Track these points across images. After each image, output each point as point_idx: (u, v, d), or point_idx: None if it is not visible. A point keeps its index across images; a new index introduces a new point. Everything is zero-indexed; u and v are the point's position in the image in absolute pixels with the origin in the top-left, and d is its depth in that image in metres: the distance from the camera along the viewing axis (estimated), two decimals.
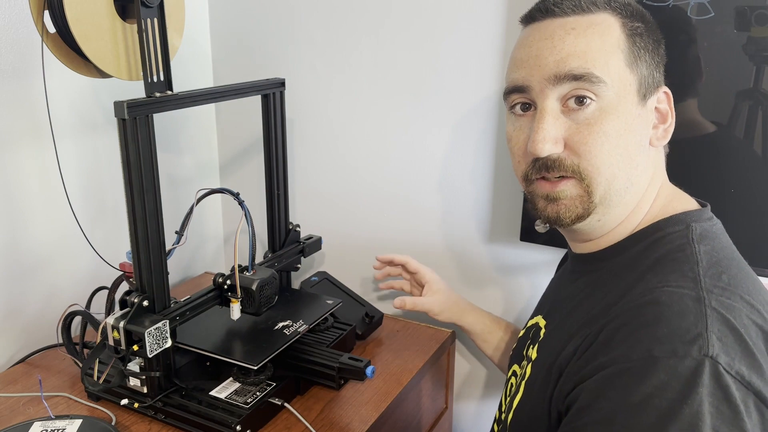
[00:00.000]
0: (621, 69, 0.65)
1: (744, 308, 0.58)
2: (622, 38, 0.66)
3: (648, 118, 0.68)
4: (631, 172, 0.67)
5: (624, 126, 0.65)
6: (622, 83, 0.65)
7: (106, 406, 0.93)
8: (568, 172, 0.66)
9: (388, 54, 1.18)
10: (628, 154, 0.66)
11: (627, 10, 0.67)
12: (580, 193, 0.67)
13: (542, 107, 0.67)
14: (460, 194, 1.18)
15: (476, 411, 1.30)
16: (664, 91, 0.70)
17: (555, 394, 0.65)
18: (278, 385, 0.93)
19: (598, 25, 0.66)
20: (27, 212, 1.07)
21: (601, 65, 0.64)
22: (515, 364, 0.84)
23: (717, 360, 0.53)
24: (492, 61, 1.08)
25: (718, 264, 0.62)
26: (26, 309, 1.10)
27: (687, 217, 0.68)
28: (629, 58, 0.66)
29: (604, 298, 0.65)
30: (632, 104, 0.66)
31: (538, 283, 1.15)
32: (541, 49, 0.67)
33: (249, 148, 1.38)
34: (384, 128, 1.22)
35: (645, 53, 0.67)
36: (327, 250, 1.30)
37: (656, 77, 0.69)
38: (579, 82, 0.64)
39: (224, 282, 0.94)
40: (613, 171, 0.66)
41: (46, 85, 0.90)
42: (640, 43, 0.67)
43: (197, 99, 0.91)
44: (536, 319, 0.82)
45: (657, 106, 0.69)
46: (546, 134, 0.66)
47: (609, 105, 0.65)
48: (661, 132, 0.69)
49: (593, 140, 0.65)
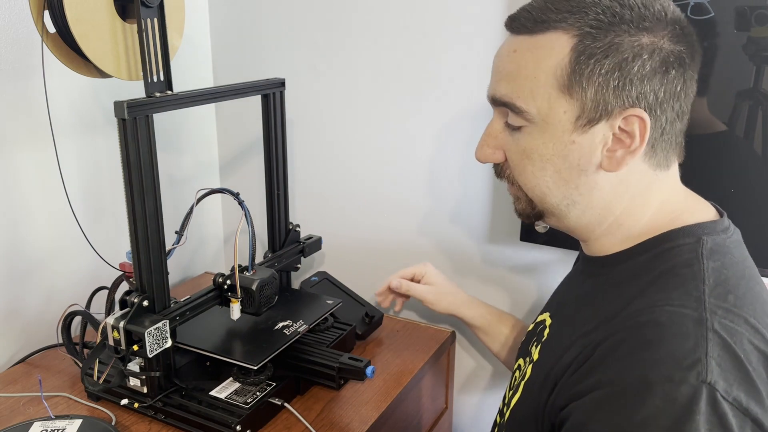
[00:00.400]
0: (552, 96, 0.63)
1: (747, 332, 0.56)
2: (565, 61, 0.62)
3: (593, 144, 0.64)
4: (569, 192, 0.67)
5: (552, 151, 0.65)
6: (552, 111, 0.63)
7: (106, 406, 0.93)
8: (509, 181, 0.72)
9: (388, 54, 1.18)
10: (560, 177, 0.66)
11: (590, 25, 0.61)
12: (524, 197, 0.71)
13: (491, 120, 0.71)
14: (460, 194, 1.18)
15: (476, 411, 1.30)
16: (635, 114, 0.62)
17: (549, 404, 0.64)
18: (278, 385, 0.93)
19: (541, 48, 0.63)
20: (27, 212, 1.07)
21: (525, 94, 0.64)
22: (521, 357, 0.83)
23: (715, 387, 0.51)
24: (491, 60, 1.08)
25: (726, 282, 0.60)
26: (26, 309, 1.10)
27: (699, 230, 0.65)
28: (567, 84, 0.62)
29: (604, 308, 0.64)
30: (564, 131, 0.64)
31: (539, 283, 1.15)
32: (493, 67, 0.70)
33: (249, 148, 1.39)
34: (384, 128, 1.22)
35: (594, 77, 0.61)
36: (327, 250, 1.30)
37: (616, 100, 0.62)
38: (505, 107, 0.67)
39: (224, 282, 0.94)
40: (542, 189, 0.68)
41: (46, 85, 0.90)
42: (589, 66, 0.61)
43: (197, 99, 0.91)
44: (544, 316, 0.81)
45: (623, 127, 0.63)
46: (482, 142, 0.71)
47: (535, 131, 0.66)
48: (618, 156, 0.64)
49: (519, 160, 0.68)
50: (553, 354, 0.68)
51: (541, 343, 0.76)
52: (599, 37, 0.61)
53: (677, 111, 0.65)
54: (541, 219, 0.73)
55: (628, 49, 0.61)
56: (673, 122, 0.65)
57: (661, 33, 0.62)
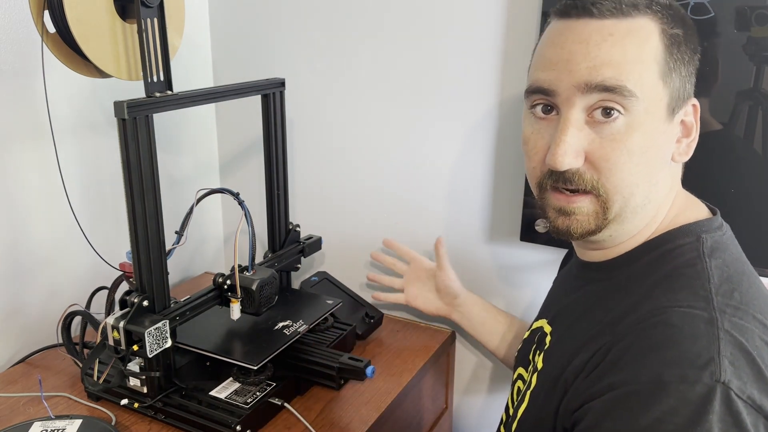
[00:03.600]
0: (654, 82, 0.61)
1: (756, 329, 0.57)
2: (659, 48, 0.61)
3: (673, 133, 0.65)
4: (649, 189, 0.64)
5: (649, 143, 0.62)
6: (653, 97, 0.61)
7: (106, 406, 0.93)
8: (587, 187, 0.64)
9: (388, 54, 1.18)
10: (649, 172, 0.63)
11: (669, 15, 0.62)
12: (595, 209, 0.64)
13: (567, 116, 0.63)
14: (460, 194, 1.18)
15: (476, 411, 1.30)
16: (693, 103, 0.66)
17: (561, 409, 0.64)
18: (278, 385, 0.93)
19: (637, 32, 0.61)
20: (27, 212, 1.07)
21: (635, 78, 0.60)
22: (521, 367, 0.83)
23: (729, 386, 0.52)
24: (492, 61, 1.08)
25: (730, 280, 0.61)
26: (26, 309, 1.10)
27: (697, 228, 0.66)
28: (664, 71, 0.62)
29: (611, 312, 0.64)
30: (660, 120, 0.62)
31: (539, 283, 1.15)
32: (574, 53, 0.62)
33: (249, 148, 1.38)
34: (384, 128, 1.22)
35: (680, 65, 0.63)
36: (327, 250, 1.30)
37: (687, 89, 0.64)
38: (610, 93, 0.60)
39: (224, 282, 0.94)
40: (631, 189, 0.63)
41: (46, 85, 0.90)
42: (677, 54, 0.62)
43: (197, 99, 0.91)
44: (541, 323, 0.81)
45: (684, 119, 0.65)
46: (568, 147, 0.62)
47: (636, 120, 0.61)
48: (684, 147, 0.66)
49: (616, 157, 0.62)
50: (560, 361, 0.68)
51: (544, 352, 0.75)
52: (675, 27, 0.63)
53: None
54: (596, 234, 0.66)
55: (692, 42, 0.64)
56: None
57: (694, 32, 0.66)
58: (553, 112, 0.65)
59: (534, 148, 0.67)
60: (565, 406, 0.63)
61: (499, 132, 1.12)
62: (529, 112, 0.68)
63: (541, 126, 0.66)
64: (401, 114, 1.20)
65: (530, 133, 0.68)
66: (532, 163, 0.68)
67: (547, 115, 0.66)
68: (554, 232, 0.68)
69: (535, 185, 0.69)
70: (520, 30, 1.04)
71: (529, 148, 0.68)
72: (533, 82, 0.66)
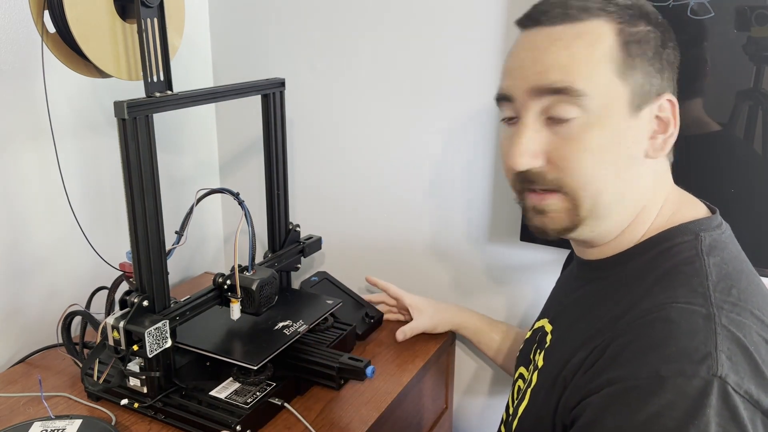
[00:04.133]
0: (609, 80, 0.63)
1: (754, 325, 0.57)
2: (614, 47, 0.63)
3: (643, 129, 0.65)
4: (621, 185, 0.65)
5: (610, 139, 0.63)
6: (610, 95, 0.63)
7: (106, 406, 0.93)
8: (551, 186, 0.66)
9: (388, 54, 1.18)
10: (616, 168, 0.64)
11: (626, 14, 0.64)
12: (566, 207, 0.66)
13: (523, 120, 0.66)
14: (459, 194, 1.18)
15: (477, 411, 1.30)
16: (668, 99, 0.66)
17: (560, 406, 0.64)
18: (278, 385, 0.93)
19: (587, 34, 0.63)
20: (27, 212, 1.07)
21: (584, 77, 0.62)
22: (522, 366, 0.83)
23: (726, 380, 0.52)
24: (492, 61, 1.08)
25: (728, 277, 0.61)
26: (26, 309, 1.10)
27: (696, 226, 0.66)
28: (621, 68, 0.63)
29: (610, 310, 0.64)
30: (621, 116, 0.63)
31: (539, 283, 1.15)
32: (524, 60, 0.66)
33: (249, 148, 1.39)
34: (384, 128, 1.22)
35: (642, 61, 0.64)
36: (327, 250, 1.30)
37: (656, 85, 0.65)
38: (560, 95, 0.63)
39: (224, 282, 0.94)
40: (598, 186, 0.64)
41: (46, 85, 0.90)
42: (636, 50, 0.63)
43: (197, 99, 0.91)
44: (542, 323, 0.81)
45: (658, 114, 0.66)
46: (523, 148, 0.65)
47: (593, 118, 0.63)
48: (659, 142, 0.66)
49: (574, 156, 0.64)
50: (559, 359, 0.68)
51: (544, 350, 0.75)
52: (635, 25, 0.64)
53: None
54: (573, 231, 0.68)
55: (657, 37, 0.65)
56: None
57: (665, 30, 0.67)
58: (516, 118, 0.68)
59: (506, 154, 0.70)
60: (564, 402, 0.64)
61: (498, 131, 1.12)
62: (501, 120, 0.72)
63: (510, 132, 0.69)
64: (401, 114, 1.20)
65: (502, 140, 0.72)
66: (505, 168, 0.71)
67: (512, 121, 0.69)
68: (533, 231, 0.70)
69: (512, 189, 0.72)
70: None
71: (503, 153, 0.72)
72: (497, 90, 0.70)
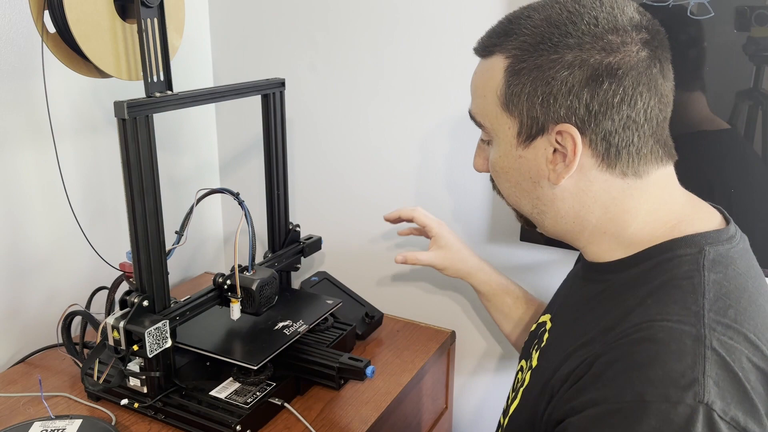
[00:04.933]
0: (497, 114, 0.68)
1: (746, 349, 0.56)
2: (501, 81, 0.66)
3: (537, 158, 0.66)
4: (534, 203, 0.70)
5: (508, 165, 0.70)
6: (500, 127, 0.68)
7: (106, 406, 0.93)
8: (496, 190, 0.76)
9: (388, 54, 1.18)
10: (522, 189, 0.70)
11: (523, 46, 0.64)
12: None
13: None
14: (460, 194, 1.18)
15: (476, 411, 1.30)
16: (564, 130, 0.63)
17: (545, 414, 0.64)
18: (278, 385, 0.93)
19: (487, 70, 0.68)
20: (27, 212, 1.07)
21: (480, 110, 0.70)
22: (523, 359, 0.83)
23: (712, 407, 0.51)
24: None
25: (727, 296, 0.59)
26: (26, 309, 1.10)
27: (702, 239, 0.63)
28: (504, 102, 0.67)
29: (603, 318, 0.63)
30: (511, 146, 0.68)
31: (539, 283, 1.15)
32: None
33: (249, 148, 1.39)
34: (384, 128, 1.22)
35: (522, 94, 0.64)
36: (327, 250, 1.30)
37: (546, 115, 0.63)
38: (474, 121, 0.73)
39: (224, 282, 0.94)
40: (513, 199, 0.73)
41: (46, 85, 0.90)
42: (519, 86, 0.64)
43: (197, 99, 0.91)
44: (546, 317, 0.81)
45: (560, 141, 0.64)
46: (475, 155, 0.77)
47: (495, 145, 0.71)
48: (559, 169, 0.65)
49: (492, 172, 0.74)
50: (551, 363, 0.67)
51: (540, 349, 0.75)
52: (525, 58, 0.65)
53: (624, 120, 0.62)
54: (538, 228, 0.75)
55: (550, 67, 0.63)
56: (625, 130, 0.63)
57: (588, 47, 0.62)
58: None
59: None
60: (549, 413, 0.63)
61: None
62: None
63: None
64: (402, 114, 1.20)
65: None
66: None
67: None
68: None
69: None
70: None
71: None
72: None
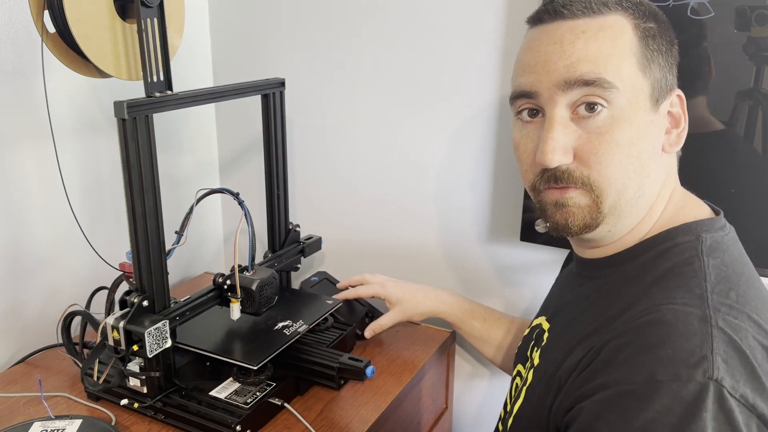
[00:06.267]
0: (633, 73, 0.63)
1: (751, 328, 0.57)
2: (634, 41, 0.63)
3: (661, 124, 0.66)
4: (642, 181, 0.65)
5: (636, 134, 0.63)
6: (635, 88, 0.63)
7: (106, 406, 0.93)
8: (578, 184, 0.65)
9: (388, 54, 1.18)
10: (640, 163, 0.64)
11: (639, 11, 0.65)
12: (588, 203, 0.65)
13: (551, 115, 0.64)
14: (460, 194, 1.18)
15: (476, 411, 1.30)
16: (677, 94, 0.67)
17: (554, 406, 0.64)
18: (278, 385, 0.93)
19: (610, 27, 0.63)
20: (27, 212, 1.07)
21: (612, 70, 0.62)
22: (520, 364, 0.83)
23: (721, 383, 0.52)
24: (492, 61, 1.08)
25: (727, 279, 0.61)
26: (26, 309, 1.10)
27: (698, 227, 0.66)
28: (642, 62, 0.63)
29: (607, 310, 0.64)
30: (645, 110, 0.64)
31: (539, 283, 1.15)
32: (550, 54, 0.64)
33: (249, 148, 1.38)
34: (384, 128, 1.22)
35: (658, 56, 0.65)
36: (327, 250, 1.30)
37: (669, 80, 0.66)
38: (590, 87, 0.62)
39: (224, 282, 0.94)
40: (623, 182, 0.64)
41: (46, 85, 0.90)
42: (653, 45, 0.64)
43: (197, 99, 0.91)
44: (540, 320, 0.81)
45: (670, 110, 0.67)
46: (555, 144, 0.63)
47: (621, 112, 0.63)
48: (674, 137, 0.67)
49: (604, 150, 0.63)
50: (555, 357, 0.68)
51: (541, 348, 0.75)
52: (648, 22, 0.65)
53: None
54: (593, 229, 0.67)
55: (667, 35, 0.66)
56: None
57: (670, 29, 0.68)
58: (538, 115, 0.67)
59: (525, 152, 0.69)
60: (559, 404, 0.63)
61: (499, 131, 1.12)
62: (517, 118, 0.70)
63: (529, 129, 0.68)
64: (401, 113, 1.20)
65: (519, 138, 0.70)
66: (524, 167, 0.70)
67: (533, 118, 0.68)
68: (554, 229, 0.68)
69: (530, 188, 0.70)
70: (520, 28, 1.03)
71: (520, 152, 0.70)
72: (516, 87, 0.68)
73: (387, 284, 1.09)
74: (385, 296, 1.08)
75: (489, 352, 1.07)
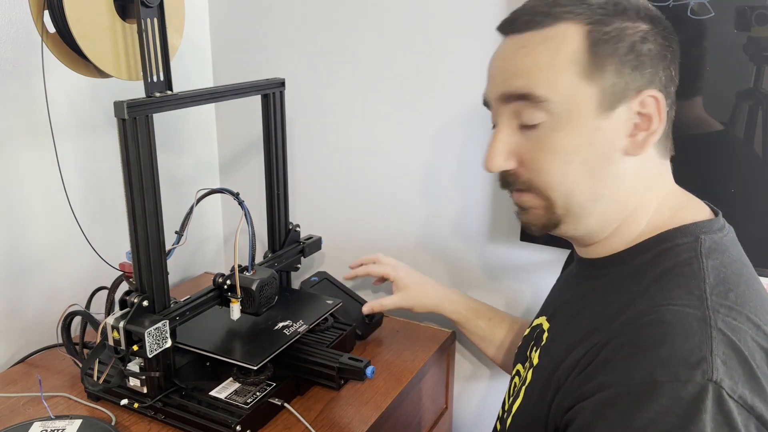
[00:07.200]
0: (574, 83, 0.63)
1: (750, 330, 0.57)
2: (581, 49, 0.63)
3: (617, 128, 0.65)
4: (594, 185, 0.66)
5: (578, 141, 0.64)
6: (575, 98, 0.64)
7: (106, 406, 0.93)
8: (524, 187, 0.68)
9: (387, 54, 1.18)
10: (588, 168, 0.65)
11: (597, 13, 0.64)
12: (542, 204, 0.68)
13: (496, 124, 0.69)
14: (460, 194, 1.18)
15: (476, 411, 1.30)
16: (650, 95, 0.64)
17: (553, 406, 0.64)
18: (278, 385, 0.93)
19: (552, 39, 0.64)
20: (27, 212, 1.07)
21: (546, 83, 0.64)
22: (519, 363, 0.83)
23: (720, 385, 0.52)
24: None
25: (726, 281, 0.61)
26: (26, 309, 1.10)
27: (696, 228, 0.66)
28: (587, 70, 0.63)
29: (606, 309, 0.64)
30: (589, 118, 0.64)
31: (539, 283, 1.15)
32: (496, 68, 0.69)
33: (249, 148, 1.39)
34: (384, 127, 1.22)
35: (612, 60, 0.63)
36: (327, 250, 1.30)
37: (634, 82, 0.64)
38: (523, 101, 0.65)
39: (224, 282, 0.94)
40: (569, 186, 0.66)
41: (46, 85, 0.90)
42: (607, 50, 0.63)
43: (197, 99, 0.91)
44: (540, 320, 0.81)
45: (640, 111, 0.65)
46: (495, 151, 0.68)
47: (558, 121, 0.64)
48: (640, 139, 0.65)
49: (543, 158, 0.66)
50: (554, 357, 0.68)
51: (540, 348, 0.75)
52: (608, 23, 0.64)
53: (673, 97, 0.68)
54: (556, 228, 0.69)
55: (635, 33, 0.64)
56: (671, 108, 0.67)
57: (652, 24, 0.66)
58: None
59: None
60: (558, 403, 0.63)
61: None
62: None
63: None
64: (401, 113, 1.20)
65: None
66: None
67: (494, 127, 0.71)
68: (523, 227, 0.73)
69: None
70: None
71: None
72: None
73: (399, 267, 1.10)
74: (395, 278, 1.09)
75: (491, 351, 1.07)
